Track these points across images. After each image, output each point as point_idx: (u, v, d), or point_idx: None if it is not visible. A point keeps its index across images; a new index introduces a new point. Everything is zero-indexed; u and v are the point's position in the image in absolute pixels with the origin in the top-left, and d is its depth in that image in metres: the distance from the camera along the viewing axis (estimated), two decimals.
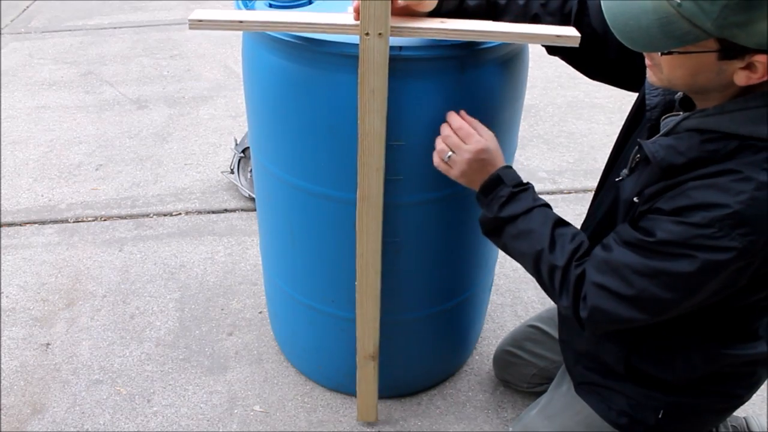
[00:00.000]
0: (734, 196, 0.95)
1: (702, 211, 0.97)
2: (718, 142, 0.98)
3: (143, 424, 1.70)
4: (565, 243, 1.15)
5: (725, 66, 0.95)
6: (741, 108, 0.98)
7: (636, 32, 0.95)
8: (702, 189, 0.98)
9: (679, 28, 0.91)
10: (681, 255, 0.99)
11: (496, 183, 1.21)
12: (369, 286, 1.42)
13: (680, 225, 0.99)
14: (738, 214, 0.94)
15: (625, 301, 1.06)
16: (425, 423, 1.70)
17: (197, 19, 1.13)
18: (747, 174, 0.95)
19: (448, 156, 1.23)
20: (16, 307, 2.07)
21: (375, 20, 1.08)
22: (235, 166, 2.59)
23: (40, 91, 3.46)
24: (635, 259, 1.04)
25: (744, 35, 0.90)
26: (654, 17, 0.93)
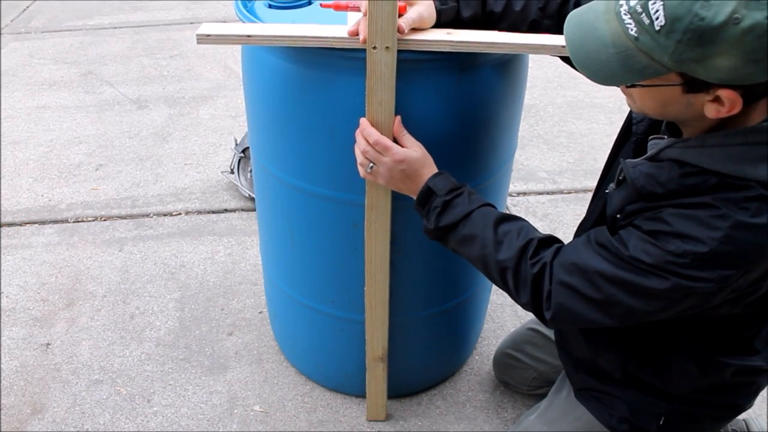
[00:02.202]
0: (710, 232, 0.94)
1: (678, 240, 0.97)
2: (698, 176, 0.97)
3: (143, 424, 1.70)
4: (512, 240, 1.14)
5: (692, 99, 0.94)
6: (721, 144, 0.97)
7: (596, 66, 0.94)
8: (679, 218, 0.98)
9: (638, 62, 0.90)
10: (653, 274, 0.99)
11: (429, 194, 1.20)
12: (378, 290, 1.43)
13: (655, 248, 0.98)
14: (712, 252, 0.94)
15: (592, 304, 1.06)
16: (425, 423, 1.70)
17: (205, 34, 1.13)
18: (724, 211, 0.94)
19: (370, 167, 1.24)
20: (16, 307, 2.07)
21: (382, 34, 1.09)
22: (235, 166, 2.59)
23: (40, 91, 3.46)
24: (606, 266, 1.03)
25: (703, 70, 0.88)
26: (613, 51, 0.91)
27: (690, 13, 0.83)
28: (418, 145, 1.23)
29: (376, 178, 1.25)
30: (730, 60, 0.85)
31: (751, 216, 0.93)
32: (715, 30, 0.83)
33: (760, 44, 0.83)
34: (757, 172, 0.93)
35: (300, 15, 1.38)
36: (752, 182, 0.93)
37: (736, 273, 0.96)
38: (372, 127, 1.22)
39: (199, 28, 1.15)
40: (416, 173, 1.22)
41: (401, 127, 1.23)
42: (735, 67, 0.85)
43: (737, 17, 0.81)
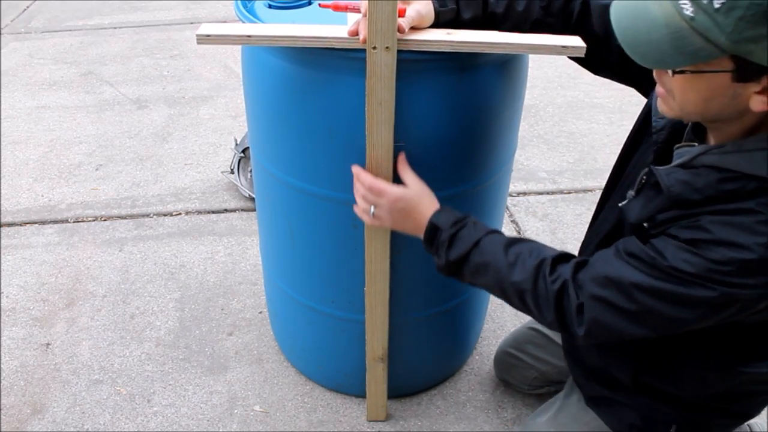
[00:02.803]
0: (756, 237, 0.92)
1: (722, 248, 0.94)
2: (737, 181, 0.95)
3: (143, 424, 1.70)
4: (525, 261, 1.12)
5: (740, 89, 0.91)
6: (761, 148, 0.95)
7: (646, 47, 0.92)
8: (720, 225, 0.95)
9: (691, 44, 0.87)
10: (698, 284, 0.96)
11: (434, 231, 1.20)
12: (378, 290, 1.43)
13: (697, 257, 0.96)
14: (761, 258, 0.92)
15: (629, 317, 1.03)
16: (425, 423, 1.70)
17: (205, 34, 1.13)
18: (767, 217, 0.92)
19: (372, 212, 1.25)
20: (16, 307, 2.07)
21: (382, 34, 1.09)
22: (235, 166, 2.59)
23: (40, 91, 3.46)
24: (642, 278, 1.00)
25: (760, 52, 0.85)
26: (665, 32, 0.89)
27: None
28: (417, 182, 1.24)
29: (381, 221, 1.26)
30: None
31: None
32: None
33: None
34: None
35: (300, 15, 1.38)
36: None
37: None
38: (365, 172, 1.23)
39: (199, 28, 1.15)
40: (416, 210, 1.22)
41: (403, 164, 1.24)
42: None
43: None
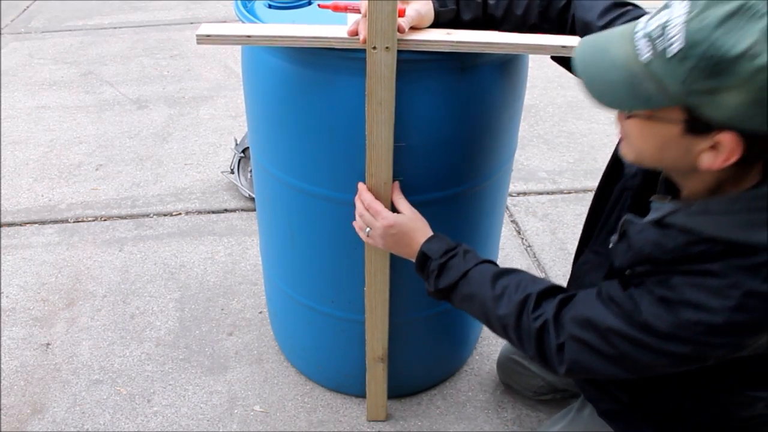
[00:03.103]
0: (723, 301, 0.93)
1: (691, 309, 0.96)
2: (704, 244, 0.96)
3: (143, 424, 1.70)
4: (510, 295, 1.14)
5: (691, 144, 0.91)
6: (725, 211, 0.95)
7: (602, 86, 0.93)
8: (689, 287, 0.96)
9: (645, 89, 0.88)
10: (670, 339, 0.98)
11: (425, 259, 1.24)
12: (378, 290, 1.43)
13: (669, 315, 0.97)
14: (727, 321, 0.93)
15: (608, 360, 1.05)
16: (425, 423, 1.70)
17: (205, 35, 1.13)
18: (735, 280, 0.93)
19: (367, 232, 1.28)
20: (16, 307, 2.07)
21: (382, 34, 1.09)
22: (235, 166, 2.59)
23: (40, 91, 3.46)
24: (620, 325, 1.02)
25: (710, 106, 0.85)
26: (622, 73, 0.89)
27: (709, 40, 0.81)
28: (411, 210, 1.27)
29: (374, 241, 1.30)
30: (738, 97, 0.83)
31: (762, 282, 0.91)
32: (731, 61, 0.81)
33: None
34: (764, 238, 0.92)
35: (300, 15, 1.38)
36: (760, 248, 0.92)
37: (755, 336, 0.95)
38: (367, 192, 1.27)
39: (199, 28, 1.15)
40: (408, 236, 1.25)
41: (397, 193, 1.28)
42: (741, 106, 0.83)
43: (755, 52, 0.80)
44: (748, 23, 0.80)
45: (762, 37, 0.79)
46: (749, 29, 0.80)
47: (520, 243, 2.35)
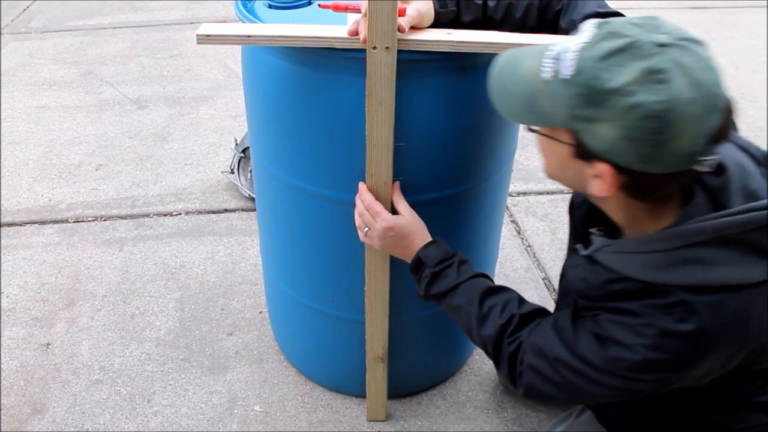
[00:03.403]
0: (640, 339, 0.95)
1: (615, 346, 0.98)
2: (623, 282, 0.98)
3: (143, 424, 1.70)
4: (495, 317, 1.17)
5: (581, 168, 0.94)
6: (636, 251, 0.97)
7: (505, 96, 0.97)
8: (612, 324, 0.99)
9: (541, 106, 0.91)
10: (602, 372, 1.01)
11: (419, 265, 1.25)
12: (378, 290, 1.43)
13: (600, 349, 1.00)
14: (644, 360, 0.95)
15: (557, 387, 1.08)
16: (425, 423, 1.70)
17: (205, 34, 1.14)
18: (649, 320, 0.95)
19: (366, 231, 1.29)
20: (16, 307, 2.07)
21: (382, 34, 1.09)
22: (235, 166, 2.59)
23: (40, 91, 3.46)
24: (564, 355, 1.05)
25: (588, 134, 0.88)
26: (524, 87, 0.93)
27: (591, 70, 0.84)
28: (410, 212, 1.28)
29: (372, 242, 1.30)
30: (611, 130, 0.85)
31: (675, 322, 0.93)
32: (606, 93, 0.83)
33: (640, 125, 0.83)
34: (674, 277, 0.93)
35: (300, 15, 1.38)
36: (672, 288, 0.93)
37: (674, 374, 0.97)
38: (368, 192, 1.27)
39: (199, 28, 1.15)
40: (407, 239, 1.26)
41: (397, 194, 1.29)
42: (614, 140, 0.85)
43: (630, 90, 0.82)
44: (631, 61, 0.82)
45: (640, 77, 0.81)
46: (630, 67, 0.82)
47: (520, 243, 2.35)
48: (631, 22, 0.86)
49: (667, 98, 0.81)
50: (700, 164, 0.86)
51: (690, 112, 0.81)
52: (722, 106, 0.84)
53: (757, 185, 0.95)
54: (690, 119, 0.82)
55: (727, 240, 0.92)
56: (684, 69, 0.82)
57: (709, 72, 0.83)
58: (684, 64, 0.82)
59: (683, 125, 0.82)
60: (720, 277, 0.92)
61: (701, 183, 0.95)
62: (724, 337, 0.94)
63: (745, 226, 0.90)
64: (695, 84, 0.82)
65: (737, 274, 0.92)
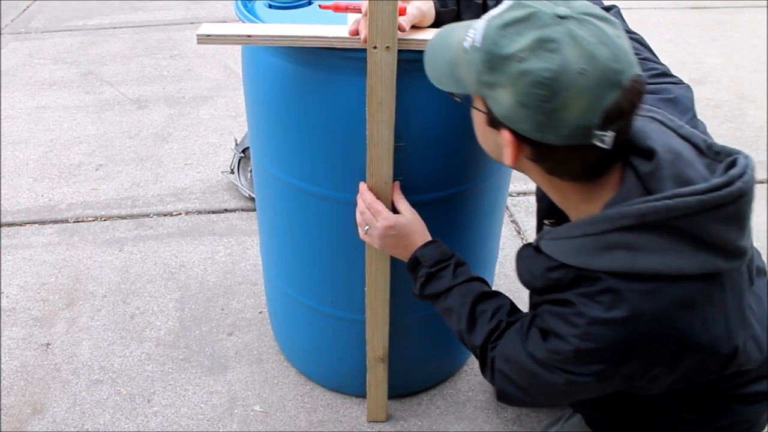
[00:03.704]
0: (571, 329, 0.95)
1: (552, 337, 0.99)
2: (560, 270, 0.99)
3: (143, 424, 1.70)
4: (484, 323, 1.17)
5: (495, 136, 0.96)
6: (567, 236, 0.98)
7: (434, 63, 1.01)
8: (550, 315, 1.00)
9: (458, 73, 0.94)
10: (547, 369, 1.02)
11: (415, 264, 1.26)
12: (379, 290, 1.43)
13: (543, 343, 1.01)
14: (576, 349, 0.95)
15: (524, 390, 1.09)
16: (425, 423, 1.70)
17: (205, 34, 1.14)
18: (579, 309, 0.94)
19: (366, 230, 1.29)
20: (16, 307, 2.07)
21: (382, 34, 1.10)
22: (235, 166, 2.59)
23: (40, 91, 3.46)
24: (521, 356, 1.06)
25: (492, 100, 0.91)
26: (448, 55, 0.97)
27: (493, 37, 0.87)
28: (411, 211, 1.28)
29: (372, 240, 1.30)
30: (508, 96, 0.88)
31: (605, 310, 0.92)
32: (503, 59, 0.86)
33: (531, 92, 0.85)
34: (602, 263, 0.93)
35: (300, 15, 1.38)
36: (601, 274, 0.93)
37: (609, 367, 0.96)
38: (369, 191, 1.27)
39: (200, 28, 1.15)
40: (407, 239, 1.27)
41: (398, 193, 1.29)
42: (510, 106, 0.88)
43: (521, 56, 0.85)
44: (528, 30, 0.85)
45: (532, 45, 0.84)
46: (526, 35, 0.85)
47: (520, 243, 2.35)
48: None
49: (555, 66, 0.83)
50: (598, 140, 0.86)
51: (580, 83, 0.83)
52: (624, 84, 0.85)
53: (694, 174, 0.93)
54: (579, 90, 0.83)
55: (657, 226, 0.90)
56: (577, 41, 0.83)
57: (608, 48, 0.84)
58: (578, 36, 0.84)
59: (572, 95, 0.84)
60: (648, 265, 0.90)
61: (633, 168, 0.95)
62: (659, 330, 0.92)
63: (671, 211, 0.88)
64: (588, 56, 0.83)
65: (669, 263, 0.90)
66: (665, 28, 4.16)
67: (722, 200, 0.89)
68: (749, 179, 0.90)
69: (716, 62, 3.71)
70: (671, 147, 0.94)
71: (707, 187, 0.89)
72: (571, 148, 0.89)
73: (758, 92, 3.41)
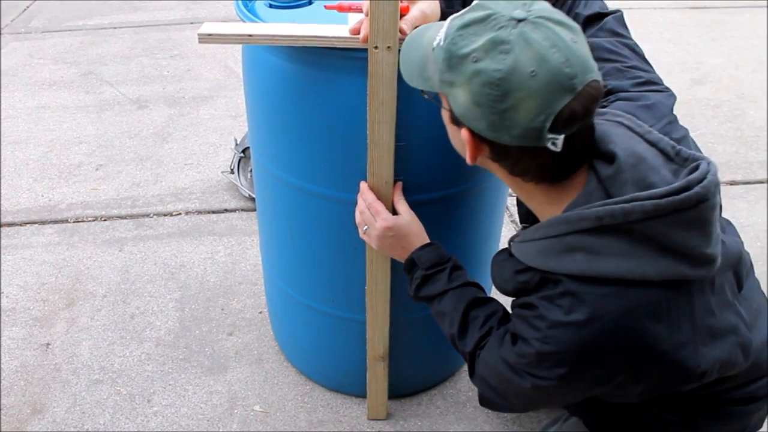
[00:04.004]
0: (534, 332, 0.96)
1: (519, 341, 1.00)
2: (526, 273, 1.00)
3: (143, 424, 1.70)
4: (475, 329, 1.18)
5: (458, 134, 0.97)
6: (530, 239, 0.98)
7: (407, 61, 1.02)
8: (516, 318, 1.01)
9: (427, 71, 0.96)
10: (516, 374, 1.02)
11: (412, 265, 1.26)
12: (379, 289, 1.43)
13: (512, 347, 1.02)
14: (538, 352, 0.96)
15: (500, 396, 1.11)
16: (425, 423, 1.70)
17: (206, 33, 1.14)
18: (541, 311, 0.95)
19: (365, 229, 1.30)
20: (16, 307, 2.07)
21: (383, 34, 1.10)
22: (235, 166, 2.59)
23: (40, 91, 3.46)
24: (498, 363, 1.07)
25: (452, 98, 0.92)
26: (419, 53, 0.98)
27: (452, 37, 0.89)
28: (409, 213, 1.28)
29: (370, 240, 1.31)
30: (464, 94, 0.89)
31: (564, 314, 0.92)
32: (460, 59, 0.88)
33: (483, 91, 0.87)
34: (562, 266, 0.93)
35: (300, 15, 1.38)
36: (562, 276, 0.93)
37: (571, 371, 0.96)
38: (369, 191, 1.28)
39: (201, 27, 1.15)
40: (405, 240, 1.27)
41: (398, 193, 1.29)
42: (466, 104, 0.90)
43: (476, 57, 0.87)
44: (485, 31, 0.87)
45: (487, 46, 0.86)
46: (482, 36, 0.87)
47: None
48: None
49: (505, 67, 0.85)
50: (550, 142, 0.87)
51: (530, 84, 0.84)
52: (578, 88, 0.85)
53: (657, 179, 0.92)
54: (529, 91, 0.84)
55: (616, 229, 0.90)
56: (529, 43, 0.84)
57: (561, 52, 0.84)
58: (531, 39, 0.84)
59: (522, 96, 0.85)
60: (608, 269, 0.90)
61: (595, 172, 0.95)
62: (619, 335, 0.92)
63: (627, 215, 0.88)
64: (539, 59, 0.84)
65: (629, 268, 0.90)
66: (665, 28, 4.16)
67: (680, 205, 0.88)
68: (709, 184, 0.89)
69: (716, 62, 3.71)
70: (634, 151, 0.94)
71: (665, 191, 0.89)
72: (525, 149, 0.90)
73: (758, 92, 3.41)
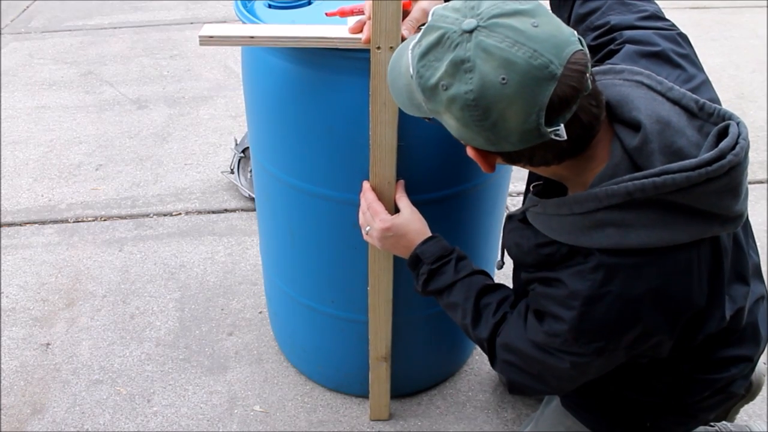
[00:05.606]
0: (567, 311, 0.95)
1: (549, 319, 0.98)
2: (551, 246, 0.98)
3: (143, 424, 1.70)
4: (489, 316, 1.16)
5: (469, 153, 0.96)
6: (555, 213, 0.96)
7: (395, 90, 0.99)
8: (544, 297, 0.99)
9: (416, 99, 0.93)
10: (549, 353, 1.01)
11: (416, 261, 1.25)
12: (382, 290, 1.43)
13: (540, 326, 1.01)
14: (575, 329, 0.95)
15: (532, 378, 1.09)
16: (425, 423, 1.70)
17: (208, 36, 1.14)
18: (573, 288, 0.94)
19: (367, 230, 1.29)
20: (16, 307, 2.07)
21: (386, 34, 1.10)
22: (235, 166, 2.59)
23: (40, 91, 3.46)
24: (524, 345, 1.06)
25: (444, 123, 0.91)
26: (404, 82, 0.94)
27: (417, 69, 0.87)
28: (410, 210, 1.27)
29: (372, 240, 1.30)
30: (450, 120, 0.88)
31: (599, 287, 0.92)
32: (432, 90, 0.86)
33: (465, 114, 0.84)
34: (593, 241, 0.92)
35: (300, 15, 1.38)
36: (593, 251, 0.93)
37: (610, 342, 0.96)
38: (371, 191, 1.27)
39: (202, 29, 1.15)
40: (405, 239, 1.26)
41: (400, 191, 1.29)
42: (457, 128, 0.88)
43: (444, 84, 0.84)
44: (444, 54, 0.84)
45: (449, 70, 0.83)
46: (442, 60, 0.84)
47: None
48: (452, 7, 0.86)
49: (475, 86, 0.82)
50: (553, 134, 0.84)
51: (506, 93, 0.81)
52: (558, 72, 0.80)
53: (684, 142, 0.90)
54: (508, 99, 0.81)
55: (646, 202, 0.88)
56: (489, 53, 0.81)
57: (524, 46, 0.80)
58: (488, 48, 0.81)
59: (504, 106, 0.82)
60: (640, 240, 0.89)
61: (620, 141, 0.92)
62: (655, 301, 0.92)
63: (659, 189, 0.86)
64: (505, 64, 0.80)
65: (660, 237, 0.89)
66: None
67: (713, 174, 0.86)
68: (740, 150, 0.87)
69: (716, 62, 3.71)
70: (659, 116, 0.91)
71: (696, 163, 0.86)
72: (533, 147, 0.87)
73: (758, 92, 3.41)
